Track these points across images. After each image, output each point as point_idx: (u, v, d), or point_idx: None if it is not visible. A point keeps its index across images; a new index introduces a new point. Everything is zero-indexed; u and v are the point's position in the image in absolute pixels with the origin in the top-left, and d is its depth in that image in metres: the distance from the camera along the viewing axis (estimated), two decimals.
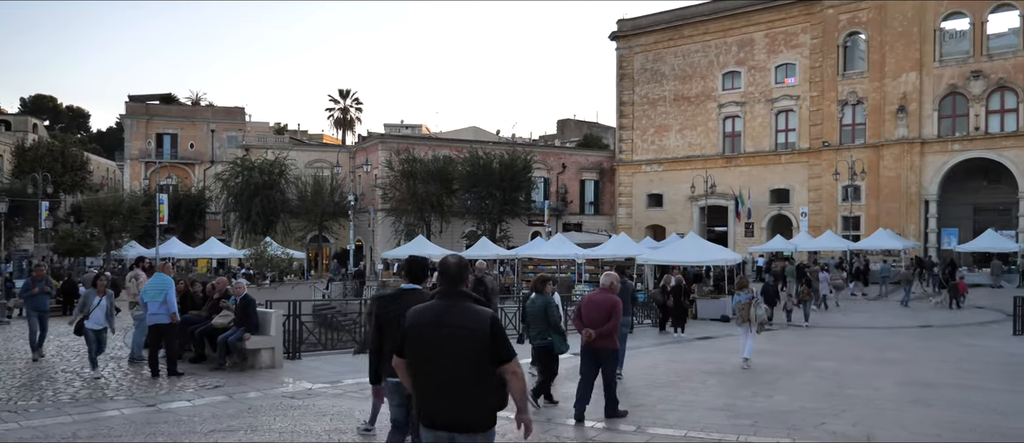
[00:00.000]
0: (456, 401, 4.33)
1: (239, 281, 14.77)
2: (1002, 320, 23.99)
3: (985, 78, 42.05)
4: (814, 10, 48.22)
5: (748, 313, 13.86)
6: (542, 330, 9.78)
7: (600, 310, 9.00)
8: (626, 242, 35.07)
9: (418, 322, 4.47)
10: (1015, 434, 8.69)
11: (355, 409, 9.67)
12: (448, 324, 4.36)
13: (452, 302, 4.45)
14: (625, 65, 57.10)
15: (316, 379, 12.05)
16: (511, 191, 48.16)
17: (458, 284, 4.56)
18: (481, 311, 4.46)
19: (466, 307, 4.44)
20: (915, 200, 43.85)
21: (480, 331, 4.33)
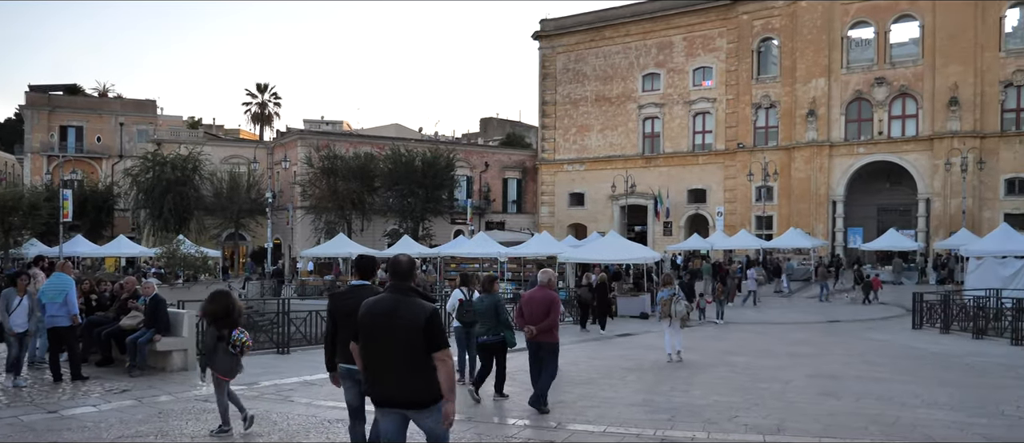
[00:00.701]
0: (406, 382, 4.92)
1: (149, 281, 14.20)
2: (903, 315, 25.25)
3: (888, 85, 44.19)
4: (730, 15, 49.71)
5: (670, 309, 14.34)
6: (492, 326, 10.12)
7: (540, 307, 9.52)
8: (548, 240, 35.31)
9: (371, 312, 5.08)
10: (912, 423, 9.14)
11: (272, 411, 9.43)
12: (399, 315, 4.95)
13: (402, 296, 5.05)
14: (548, 65, 57.61)
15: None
16: (434, 189, 47.92)
17: (407, 280, 5.20)
18: (424, 305, 5.05)
19: (413, 300, 5.04)
20: (823, 200, 45.73)
21: (419, 321, 4.92)
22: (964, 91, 41.68)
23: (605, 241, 31.55)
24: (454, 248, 35.94)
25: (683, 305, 14.69)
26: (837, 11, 45.58)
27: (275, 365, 13.78)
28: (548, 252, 33.04)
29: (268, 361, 14.31)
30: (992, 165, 41.12)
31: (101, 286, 14.44)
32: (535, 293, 9.87)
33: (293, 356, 15.19)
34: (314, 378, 12.12)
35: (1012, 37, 42.08)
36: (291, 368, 13.30)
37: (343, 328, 6.27)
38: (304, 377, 12.20)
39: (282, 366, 13.66)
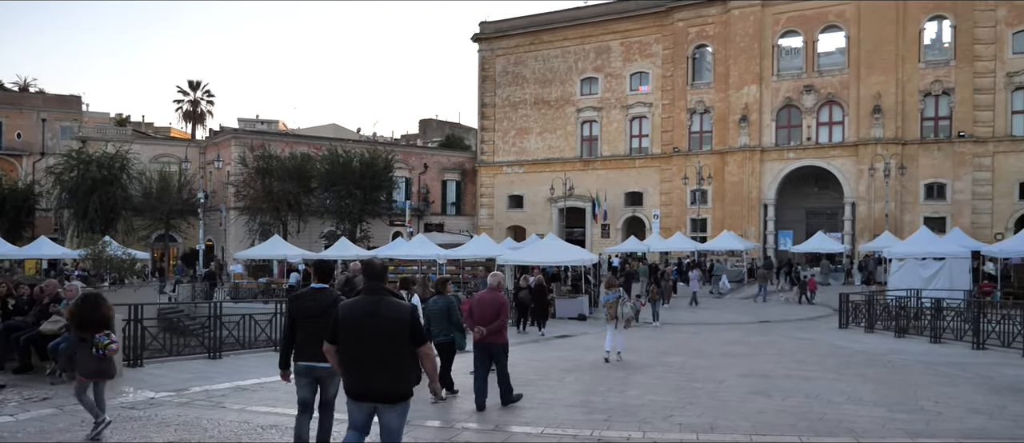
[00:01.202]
0: (385, 377, 5.36)
1: (73, 284, 13.65)
2: (830, 315, 26.08)
3: (816, 92, 45.65)
4: (666, 22, 50.64)
5: (615, 311, 14.72)
6: (444, 327, 10.48)
7: (489, 308, 9.89)
8: (487, 243, 35.34)
9: (351, 313, 5.47)
10: (838, 419, 9.46)
11: (203, 418, 9.19)
12: (379, 314, 5.38)
13: (379, 296, 5.48)
14: (487, 67, 57.69)
15: (160, 387, 11.36)
16: (372, 190, 47.42)
17: (383, 281, 5.59)
18: (403, 304, 5.57)
19: (391, 300, 5.49)
20: (755, 204, 46.94)
21: (403, 319, 5.41)
22: (887, 100, 43.35)
23: (544, 243, 31.75)
24: (392, 250, 35.62)
25: (629, 307, 15.14)
26: (768, 20, 46.89)
27: (206, 370, 13.43)
28: (487, 254, 33.07)
29: (198, 366, 13.94)
30: (912, 171, 42.85)
31: (19, 289, 13.82)
32: (485, 295, 10.16)
33: (225, 361, 14.83)
34: (247, 383, 11.86)
35: (930, 49, 43.97)
36: (223, 373, 12.99)
37: (302, 328, 6.61)
38: (237, 382, 11.92)
39: (213, 371, 13.32)
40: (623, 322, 14.78)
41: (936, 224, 39.41)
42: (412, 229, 49.64)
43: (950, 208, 42.35)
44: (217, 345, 15.29)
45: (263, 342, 16.73)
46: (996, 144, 41.83)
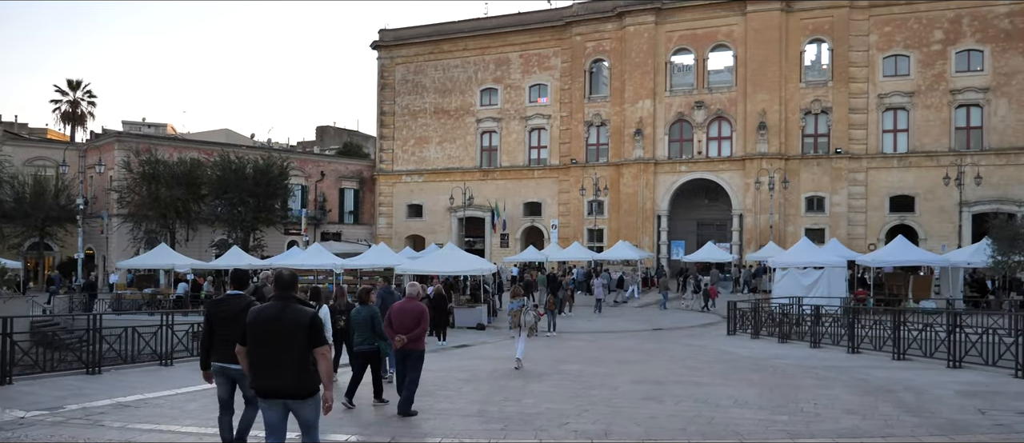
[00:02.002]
0: (290, 376, 5.84)
1: None
2: (719, 322, 27.13)
3: (706, 108, 47.54)
4: (564, 36, 51.63)
5: (519, 319, 15.36)
6: (367, 336, 10.84)
7: (410, 317, 10.28)
8: (385, 252, 34.92)
9: (259, 318, 6.00)
10: (725, 422, 9.85)
11: (79, 437, 8.66)
12: (285, 319, 5.90)
13: (286, 302, 6.02)
14: (387, 75, 57.22)
15: (31, 406, 10.65)
16: (266, 198, 46.00)
17: (290, 289, 6.14)
18: (306, 310, 6.06)
19: (297, 307, 6.04)
20: (649, 215, 48.36)
21: (304, 323, 5.90)
22: (771, 117, 45.60)
23: (443, 253, 31.67)
24: (287, 260, 34.63)
25: (532, 315, 15.83)
26: (662, 38, 48.53)
27: (83, 387, 12.69)
28: (385, 264, 32.69)
29: (75, 383, 13.16)
30: (795, 184, 45.19)
31: None
32: (404, 304, 10.54)
33: (105, 376, 14.06)
34: (130, 399, 11.28)
35: (811, 70, 46.61)
36: (102, 389, 12.30)
37: (218, 332, 7.27)
38: (118, 399, 11.32)
39: (92, 387, 12.60)
40: (526, 330, 15.39)
41: (816, 235, 41.71)
42: (308, 238, 48.50)
43: (829, 220, 44.88)
44: (96, 360, 14.49)
45: (148, 356, 15.97)
46: (869, 160, 44.68)
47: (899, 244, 30.58)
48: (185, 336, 17.19)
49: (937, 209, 42.57)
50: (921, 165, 43.56)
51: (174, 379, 13.69)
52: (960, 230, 40.52)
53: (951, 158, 41.76)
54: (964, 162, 40.28)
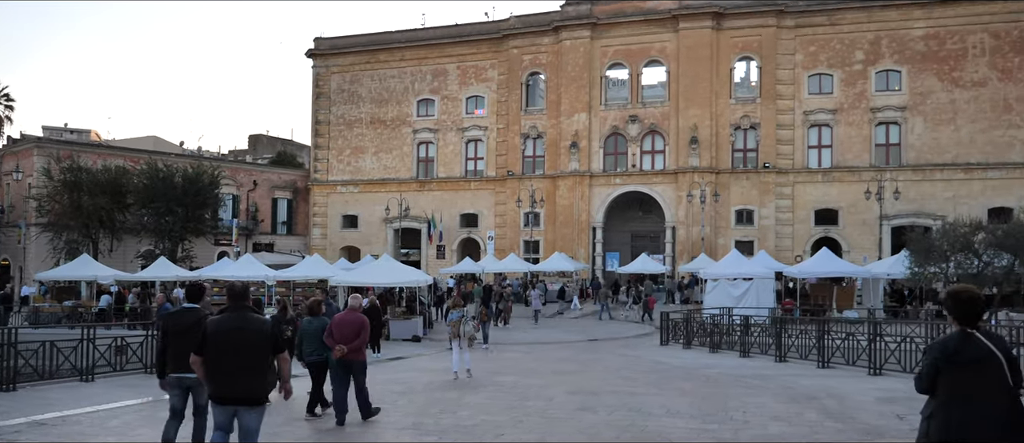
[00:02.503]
0: (248, 383, 6.26)
1: None
2: (653, 333, 27.56)
3: (640, 123, 48.41)
4: (501, 49, 51.92)
5: (459, 329, 15.61)
6: (317, 347, 11.09)
7: (351, 328, 10.52)
8: (320, 263, 34.40)
9: (219, 328, 6.37)
10: (658, 431, 10.02)
11: None
12: (245, 328, 6.33)
13: (243, 313, 6.43)
14: (322, 84, 56.53)
15: None
16: (195, 208, 44.77)
17: (245, 300, 6.58)
18: (264, 319, 6.62)
19: (255, 316, 6.50)
20: (585, 227, 48.89)
21: (266, 332, 6.43)
22: (702, 132, 46.70)
23: (378, 264, 31.40)
24: (217, 271, 33.82)
25: (471, 326, 16.17)
26: (597, 52, 49.28)
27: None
28: (319, 275, 32.21)
29: None
30: (725, 197, 46.33)
31: None
32: (346, 315, 10.84)
33: (21, 393, 13.45)
34: (47, 417, 10.83)
35: (740, 87, 47.95)
36: (17, 407, 11.77)
37: (175, 343, 7.50)
38: (33, 417, 10.84)
39: (6, 405, 12.04)
40: (466, 340, 15.68)
41: (745, 247, 42.81)
42: (239, 249, 47.41)
43: (757, 233, 46.14)
44: (11, 376, 13.86)
45: (67, 371, 15.36)
46: (796, 175, 46.14)
47: (823, 256, 31.66)
48: (107, 351, 16.60)
49: (859, 222, 44.22)
50: (844, 180, 45.22)
51: (95, 395, 13.20)
52: (880, 243, 42.16)
53: (872, 173, 43.46)
54: (884, 177, 41.97)
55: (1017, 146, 42.96)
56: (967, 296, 5.04)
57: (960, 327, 5.00)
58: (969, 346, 4.89)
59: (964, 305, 5.01)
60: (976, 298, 5.08)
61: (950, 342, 4.98)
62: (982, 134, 43.41)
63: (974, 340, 4.90)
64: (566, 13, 49.71)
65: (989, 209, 41.13)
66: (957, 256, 23.35)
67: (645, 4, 48.63)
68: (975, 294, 5.12)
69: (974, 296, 5.08)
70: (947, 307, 5.19)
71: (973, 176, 43.33)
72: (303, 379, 11.41)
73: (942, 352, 4.96)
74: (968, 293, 5.07)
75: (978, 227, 24.41)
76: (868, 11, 45.34)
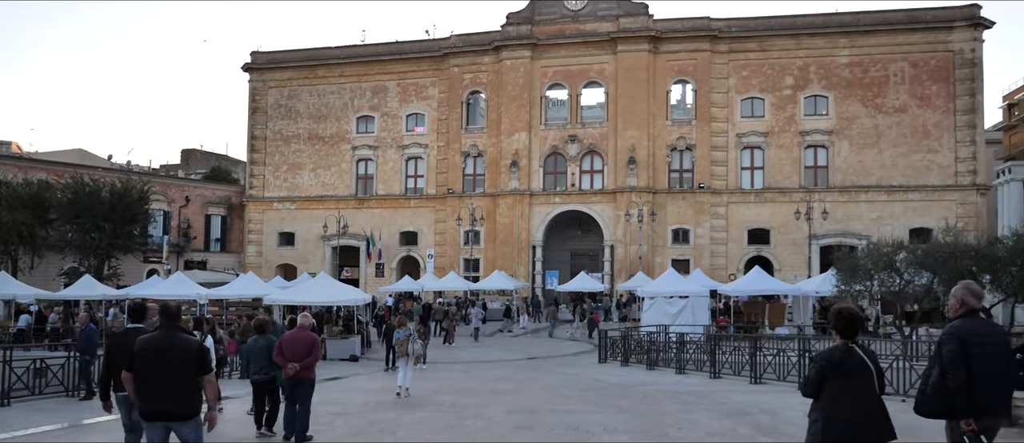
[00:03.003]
0: (176, 400, 6.42)
1: None
2: (591, 351, 27.75)
3: (579, 143, 49.01)
4: (442, 67, 51.99)
5: (406, 348, 15.88)
6: (264, 366, 11.18)
7: (301, 346, 10.62)
8: (254, 281, 33.69)
9: (147, 347, 6.54)
10: None
11: None
12: (172, 348, 6.49)
13: (172, 332, 6.60)
14: (258, 99, 55.61)
15: None
16: (123, 224, 43.31)
17: (177, 319, 6.75)
18: (192, 339, 6.79)
19: (183, 336, 6.70)
20: (525, 245, 49.10)
21: (193, 352, 6.57)
22: (640, 152, 47.54)
23: (315, 282, 30.88)
24: (146, 289, 32.73)
25: (418, 345, 16.64)
26: (537, 72, 49.79)
27: None
28: (254, 293, 31.53)
29: None
30: (662, 217, 47.17)
31: None
32: (296, 334, 10.91)
33: None
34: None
35: (676, 109, 49.06)
36: None
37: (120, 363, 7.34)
38: None
39: None
40: (412, 358, 16.00)
41: (681, 266, 43.57)
42: (170, 266, 46.02)
43: (693, 251, 47.05)
44: None
45: None
46: (729, 195, 47.30)
47: (756, 275, 32.45)
48: (25, 373, 15.88)
49: (790, 242, 45.54)
50: (775, 200, 46.55)
51: (11, 420, 12.63)
52: (810, 261, 43.50)
53: (801, 194, 44.86)
54: (812, 199, 43.35)
55: (935, 170, 45.00)
56: (850, 315, 5.73)
57: (843, 340, 5.66)
58: (851, 357, 5.57)
59: (847, 322, 5.68)
60: (857, 317, 5.78)
61: (835, 353, 5.62)
62: (903, 158, 45.34)
63: (854, 352, 5.59)
64: (507, 33, 50.13)
65: (910, 229, 42.86)
66: (881, 275, 24.19)
67: (584, 26, 49.42)
68: (856, 313, 5.80)
69: (855, 315, 5.75)
70: (833, 323, 5.82)
71: (895, 198, 45.16)
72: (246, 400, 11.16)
73: (829, 361, 5.59)
74: (850, 312, 5.76)
75: (900, 247, 25.32)
76: (797, 38, 47.03)
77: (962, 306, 6.14)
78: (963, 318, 6.12)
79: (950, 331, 6.06)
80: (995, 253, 22.70)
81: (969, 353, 5.86)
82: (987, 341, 5.99)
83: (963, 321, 6.09)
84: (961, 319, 6.12)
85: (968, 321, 6.08)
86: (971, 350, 5.87)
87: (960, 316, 6.14)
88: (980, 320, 6.21)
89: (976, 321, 6.13)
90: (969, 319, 6.10)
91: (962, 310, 6.14)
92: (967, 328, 6.01)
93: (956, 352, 5.87)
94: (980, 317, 6.24)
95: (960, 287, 6.24)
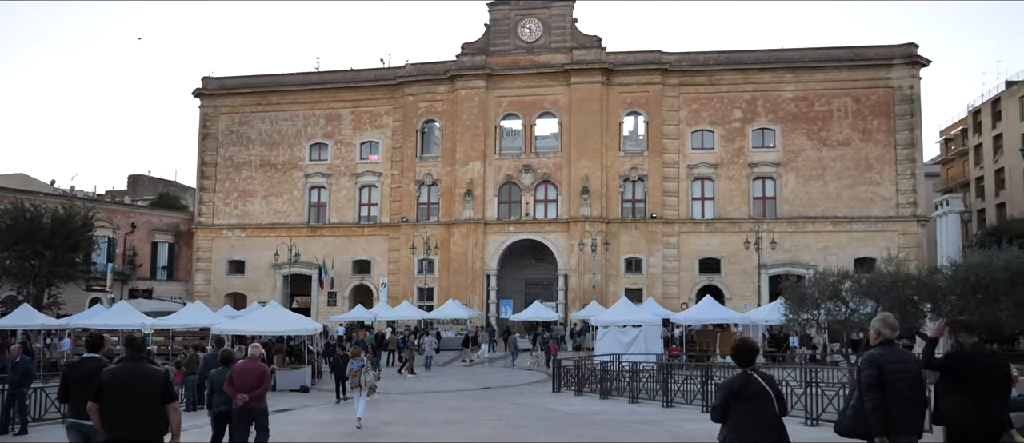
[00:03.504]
0: (141, 428, 6.73)
1: None
2: (545, 380, 27.71)
3: (533, 172, 49.36)
4: (397, 95, 52.02)
5: (360, 379, 16.13)
6: (226, 399, 11.08)
7: (252, 377, 10.77)
8: (202, 311, 32.90)
9: (115, 377, 6.86)
10: None
11: None
12: (138, 377, 6.88)
13: (138, 363, 7.00)
14: (209, 124, 54.84)
15: None
16: (66, 251, 42.05)
17: (141, 351, 7.23)
18: (157, 369, 7.20)
19: (147, 366, 7.09)
20: (479, 274, 49.03)
21: (158, 381, 6.94)
22: (593, 182, 48.06)
23: (265, 311, 30.28)
24: (88, 319, 31.77)
25: (372, 375, 16.84)
26: (492, 102, 50.14)
27: None
28: (201, 323, 30.80)
29: None
30: (615, 246, 47.62)
31: None
32: (247, 364, 11.05)
33: None
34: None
35: (628, 140, 49.81)
36: None
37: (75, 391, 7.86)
38: None
39: None
40: (367, 389, 16.16)
41: (634, 295, 43.98)
42: (114, 295, 44.78)
43: (646, 280, 47.54)
44: None
45: None
46: (681, 225, 48.03)
47: (707, 304, 32.90)
48: None
49: (740, 271, 46.33)
50: (725, 230, 47.40)
51: None
52: (759, 290, 44.29)
53: (751, 225, 45.79)
54: (761, 229, 44.27)
55: (878, 201, 46.40)
56: (747, 347, 6.53)
57: (742, 369, 6.36)
58: (750, 383, 6.24)
59: (744, 353, 6.46)
60: (754, 348, 6.61)
61: (736, 381, 6.31)
62: (847, 190, 46.67)
63: (753, 379, 6.26)
64: (462, 63, 50.46)
65: (855, 259, 44.03)
66: (827, 303, 24.73)
67: (538, 58, 50.04)
68: (753, 345, 6.65)
69: (752, 347, 6.58)
70: (733, 356, 6.57)
71: (840, 228, 46.39)
72: None
73: (730, 389, 6.29)
74: (747, 344, 6.57)
75: (845, 276, 25.96)
76: (744, 73, 48.31)
77: (879, 336, 6.74)
78: (880, 347, 6.69)
79: (868, 358, 6.65)
80: (935, 283, 23.41)
81: (884, 379, 6.41)
82: (901, 368, 6.54)
83: (880, 350, 6.66)
84: (879, 348, 6.70)
85: (885, 350, 6.64)
86: (887, 376, 6.42)
87: (878, 345, 6.73)
88: (895, 349, 6.74)
89: (892, 350, 6.67)
90: (886, 348, 6.67)
91: (879, 340, 6.73)
92: (883, 356, 6.57)
93: (873, 377, 6.44)
94: (896, 346, 6.77)
95: (878, 319, 6.83)
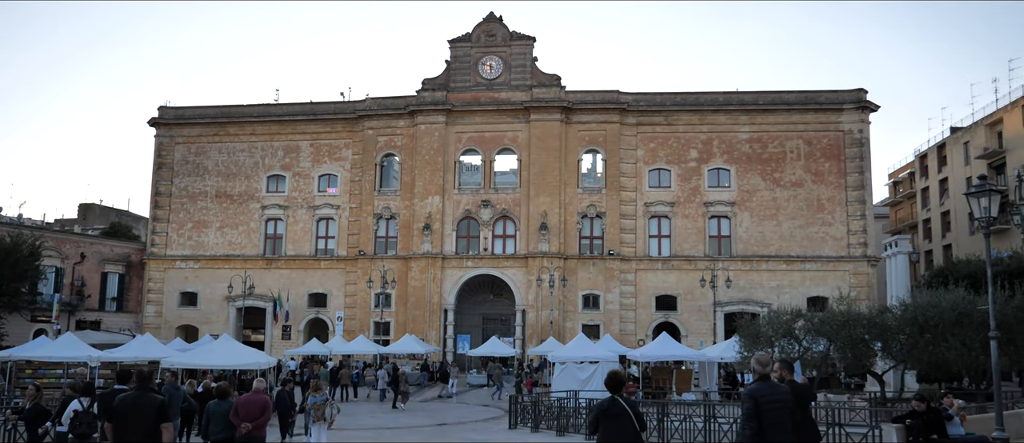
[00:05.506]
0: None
1: None
2: (501, 416, 27.55)
3: (492, 207, 49.54)
4: (356, 129, 51.96)
5: (322, 412, 16.69)
6: (224, 426, 12.39)
7: (255, 408, 12.23)
8: (152, 343, 32.07)
9: (123, 402, 8.80)
10: None
11: None
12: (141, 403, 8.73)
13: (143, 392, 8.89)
14: (165, 154, 54.04)
15: None
16: (11, 280, 40.85)
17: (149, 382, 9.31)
18: (156, 396, 9.03)
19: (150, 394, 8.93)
20: (436, 309, 48.78)
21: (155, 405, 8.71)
22: (552, 218, 48.40)
23: (217, 344, 29.72)
24: (31, 351, 30.76)
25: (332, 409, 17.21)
26: (451, 137, 50.37)
27: None
28: (150, 356, 30.03)
29: None
30: (573, 282, 47.86)
31: None
32: (250, 396, 12.54)
33: None
34: None
35: (587, 177, 50.38)
36: None
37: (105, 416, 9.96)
38: None
39: None
40: (329, 422, 16.76)
41: (591, 331, 44.14)
42: (59, 326, 43.48)
43: (603, 317, 47.77)
44: None
45: None
46: (638, 262, 48.52)
47: (663, 341, 33.13)
48: None
49: (696, 309, 46.87)
50: (682, 268, 48.00)
51: None
52: (715, 328, 44.81)
53: (706, 263, 46.46)
54: (717, 267, 44.94)
55: (830, 242, 47.52)
56: (614, 375, 8.19)
57: (611, 394, 8.02)
58: (615, 406, 7.96)
59: (612, 380, 8.14)
60: (621, 378, 8.28)
61: (605, 403, 8.03)
62: (800, 230, 47.74)
63: (617, 402, 7.97)
64: (422, 98, 50.71)
65: (808, 298, 44.90)
66: (781, 341, 25.13)
67: (498, 95, 50.54)
68: (621, 375, 8.33)
69: (620, 377, 8.23)
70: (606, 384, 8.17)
71: (794, 267, 47.32)
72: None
73: (600, 410, 8.04)
74: (616, 374, 8.22)
75: (798, 315, 26.43)
76: (701, 114, 49.39)
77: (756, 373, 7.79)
78: (758, 382, 7.74)
79: (747, 392, 7.72)
80: (885, 321, 23.95)
81: (760, 409, 7.40)
82: (774, 399, 7.53)
83: (758, 384, 7.70)
84: (756, 383, 7.74)
85: (761, 384, 7.68)
86: (762, 407, 7.42)
87: (756, 380, 7.77)
88: (771, 383, 7.78)
89: (767, 384, 7.70)
90: (762, 383, 7.70)
91: (757, 376, 7.76)
92: (759, 390, 7.58)
93: (750, 408, 7.46)
94: (771, 381, 7.84)
95: (754, 358, 7.87)
